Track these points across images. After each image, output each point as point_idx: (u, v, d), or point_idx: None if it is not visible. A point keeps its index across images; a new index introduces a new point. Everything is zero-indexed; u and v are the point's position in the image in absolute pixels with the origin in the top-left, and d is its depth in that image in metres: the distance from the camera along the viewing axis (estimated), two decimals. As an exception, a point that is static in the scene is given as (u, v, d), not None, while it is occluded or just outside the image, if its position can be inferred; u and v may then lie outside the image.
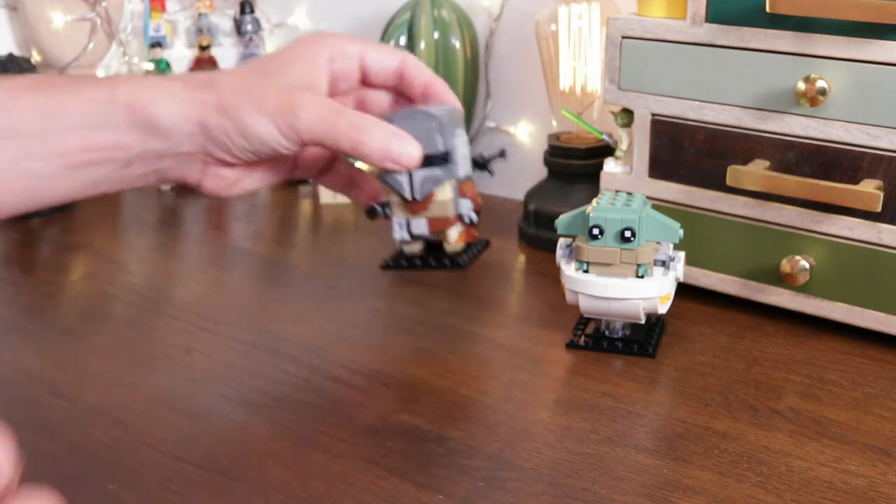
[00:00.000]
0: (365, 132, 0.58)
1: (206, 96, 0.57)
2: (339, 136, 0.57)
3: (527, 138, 1.00)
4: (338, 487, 0.51)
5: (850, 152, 0.63)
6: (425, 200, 0.62)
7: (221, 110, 0.57)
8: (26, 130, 0.53)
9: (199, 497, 0.50)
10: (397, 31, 0.94)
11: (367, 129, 0.58)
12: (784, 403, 0.59)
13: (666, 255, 0.64)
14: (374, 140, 0.58)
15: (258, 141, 0.57)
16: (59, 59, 1.04)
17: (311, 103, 0.57)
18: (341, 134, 0.57)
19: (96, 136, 0.55)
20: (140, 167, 0.58)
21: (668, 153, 0.71)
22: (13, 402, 0.60)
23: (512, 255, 0.85)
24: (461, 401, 0.60)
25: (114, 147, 0.56)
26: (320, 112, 0.57)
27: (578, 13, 0.85)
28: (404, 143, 0.59)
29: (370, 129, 0.58)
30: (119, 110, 0.55)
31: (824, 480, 0.51)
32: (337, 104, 0.58)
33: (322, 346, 0.68)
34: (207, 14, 1.10)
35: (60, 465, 0.54)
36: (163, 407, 0.59)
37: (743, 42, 0.65)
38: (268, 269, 0.83)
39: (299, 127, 0.57)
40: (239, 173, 0.61)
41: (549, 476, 0.52)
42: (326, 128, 0.57)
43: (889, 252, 0.63)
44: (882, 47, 0.59)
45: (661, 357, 0.65)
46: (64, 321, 0.73)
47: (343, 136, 0.57)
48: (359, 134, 0.57)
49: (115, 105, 0.55)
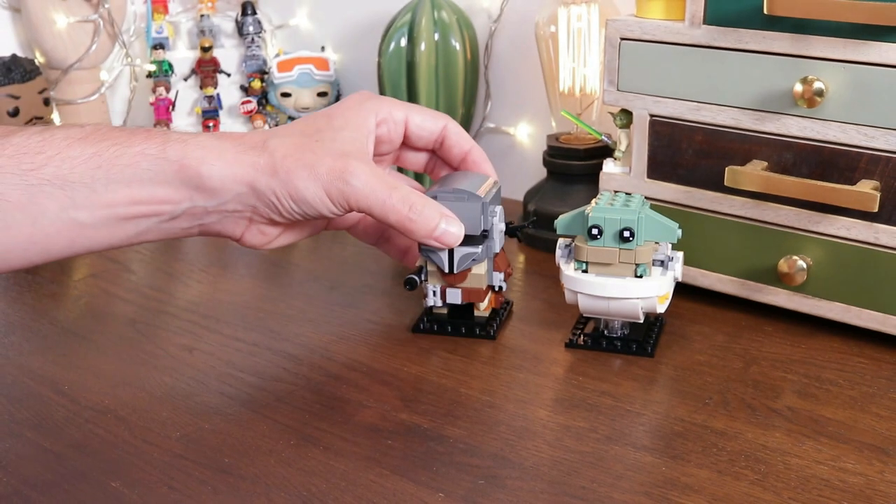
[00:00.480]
0: (414, 211, 0.59)
1: (257, 158, 0.57)
2: (388, 210, 0.59)
3: (526, 139, 1.00)
4: (338, 486, 0.51)
5: (848, 153, 0.63)
6: (462, 273, 0.65)
7: (273, 173, 0.57)
8: (77, 180, 0.54)
9: (201, 495, 0.51)
10: (398, 32, 0.94)
11: (417, 208, 0.59)
12: (782, 402, 0.59)
13: (664, 254, 0.65)
14: (423, 219, 0.60)
15: (307, 205, 0.58)
16: (61, 61, 1.05)
17: (364, 173, 0.58)
18: (391, 209, 0.59)
19: (146, 190, 0.56)
20: (185, 221, 0.58)
21: (667, 154, 0.71)
22: (17, 401, 0.61)
23: (512, 255, 0.85)
24: (461, 399, 0.60)
25: (162, 202, 0.57)
26: (373, 184, 0.58)
27: (578, 15, 0.85)
28: (450, 224, 0.61)
29: (420, 210, 0.59)
30: (170, 166, 0.56)
31: (822, 479, 0.51)
32: (390, 178, 0.60)
33: (323, 344, 0.68)
34: (209, 16, 1.11)
35: (63, 462, 0.54)
36: (165, 405, 0.60)
37: (741, 43, 0.65)
38: (269, 268, 0.84)
39: (350, 195, 0.58)
40: (280, 230, 0.63)
41: (549, 474, 0.52)
42: (378, 201, 0.58)
43: (886, 252, 0.63)
44: (879, 49, 0.60)
45: (659, 356, 0.65)
46: (67, 320, 0.74)
47: (392, 212, 0.59)
48: (409, 211, 0.59)
49: (165, 161, 0.56)
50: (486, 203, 0.64)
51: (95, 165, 0.54)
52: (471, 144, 0.68)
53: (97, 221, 0.55)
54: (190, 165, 0.56)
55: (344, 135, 0.60)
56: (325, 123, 0.61)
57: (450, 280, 0.66)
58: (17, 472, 0.53)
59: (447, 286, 0.66)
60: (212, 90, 1.10)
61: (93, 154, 0.54)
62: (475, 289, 0.66)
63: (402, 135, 0.66)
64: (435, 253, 0.64)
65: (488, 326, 0.68)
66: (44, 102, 0.99)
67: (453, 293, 0.66)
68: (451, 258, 0.65)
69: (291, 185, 0.57)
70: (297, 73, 1.07)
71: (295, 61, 1.08)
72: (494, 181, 0.67)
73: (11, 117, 0.96)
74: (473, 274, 0.66)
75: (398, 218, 0.59)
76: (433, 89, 0.94)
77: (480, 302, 0.67)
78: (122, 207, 0.55)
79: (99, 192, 0.54)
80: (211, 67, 1.10)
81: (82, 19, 1.05)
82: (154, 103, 1.09)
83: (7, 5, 1.06)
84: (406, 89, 0.95)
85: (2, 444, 0.56)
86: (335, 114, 0.62)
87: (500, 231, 0.67)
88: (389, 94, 0.96)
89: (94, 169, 0.54)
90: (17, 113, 0.96)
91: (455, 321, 0.68)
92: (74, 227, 0.55)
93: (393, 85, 0.95)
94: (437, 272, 0.66)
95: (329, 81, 1.09)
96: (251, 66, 1.11)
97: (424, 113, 0.67)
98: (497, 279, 0.67)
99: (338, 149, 0.59)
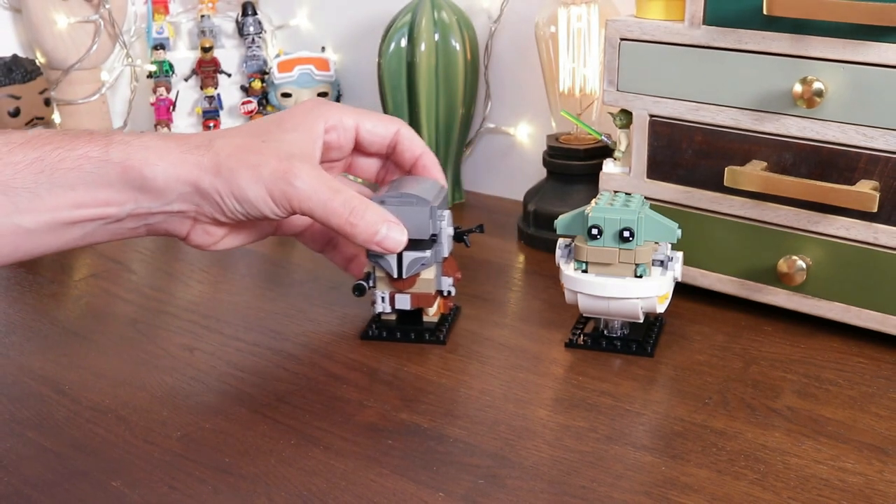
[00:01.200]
0: (356, 215, 0.59)
1: (201, 158, 0.57)
2: (330, 213, 0.59)
3: (526, 139, 1.00)
4: (339, 485, 0.51)
5: (847, 153, 0.63)
6: (411, 279, 0.65)
7: (217, 173, 0.57)
8: (19, 186, 0.53)
9: (202, 494, 0.51)
10: (398, 32, 0.94)
11: (358, 212, 0.59)
12: (781, 402, 0.59)
13: (664, 254, 0.65)
14: (364, 223, 0.59)
15: (250, 205, 0.58)
16: (62, 61, 1.05)
17: (307, 175, 0.58)
18: (332, 211, 0.58)
19: (89, 193, 0.55)
20: (131, 222, 0.58)
21: (667, 154, 0.71)
22: (18, 400, 0.61)
23: (512, 255, 0.86)
24: (461, 399, 0.60)
25: (106, 204, 0.56)
26: (315, 186, 0.58)
27: (577, 15, 0.85)
28: (392, 229, 0.61)
29: (362, 213, 0.59)
30: (113, 168, 0.55)
31: (821, 478, 0.51)
32: (334, 181, 0.59)
33: (323, 344, 0.68)
34: (210, 16, 1.11)
35: (64, 462, 0.54)
36: (165, 405, 0.60)
37: (740, 44, 0.65)
38: (269, 268, 0.84)
39: (292, 197, 0.58)
40: (226, 231, 0.62)
41: (549, 474, 0.52)
42: (319, 203, 0.58)
43: (885, 252, 0.63)
44: (878, 49, 0.60)
45: (659, 356, 0.65)
46: (68, 320, 0.74)
47: (334, 215, 0.59)
48: (350, 216, 0.59)
49: (108, 163, 0.55)
50: (434, 207, 0.63)
51: (38, 170, 0.54)
52: (422, 149, 0.68)
53: (41, 226, 0.55)
54: (133, 167, 0.55)
55: (291, 137, 0.60)
56: (273, 126, 0.61)
57: (398, 286, 0.65)
58: (17, 471, 0.53)
59: (396, 292, 0.66)
60: (212, 90, 1.10)
61: (35, 159, 0.54)
62: (424, 294, 0.66)
63: (352, 141, 0.66)
64: (383, 258, 0.64)
65: (437, 331, 0.68)
66: (45, 103, 0.99)
67: (402, 299, 0.66)
68: (400, 263, 0.64)
69: (235, 184, 0.57)
70: (298, 73, 1.08)
71: (295, 62, 1.08)
72: (442, 186, 0.67)
73: (12, 117, 0.96)
74: (422, 279, 0.65)
75: (339, 222, 0.59)
76: (433, 90, 0.94)
77: (430, 307, 0.67)
78: (66, 211, 0.55)
79: (42, 196, 0.54)
80: (211, 68, 1.10)
81: (83, 20, 1.05)
82: (154, 104, 1.09)
83: (8, 6, 1.06)
84: (406, 90, 0.95)
85: (2, 444, 0.56)
86: (285, 118, 0.62)
87: (449, 236, 0.66)
88: (389, 95, 0.96)
89: (37, 174, 0.54)
90: (17, 113, 0.96)
91: (404, 327, 0.68)
92: (19, 233, 0.54)
93: (393, 85, 0.95)
94: (385, 278, 0.65)
95: (329, 82, 1.09)
96: (252, 66, 1.11)
97: (376, 118, 0.66)
98: (446, 284, 0.67)
99: (284, 150, 0.59)
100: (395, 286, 0.66)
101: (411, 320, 0.68)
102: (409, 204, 0.63)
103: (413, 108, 0.95)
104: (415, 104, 0.95)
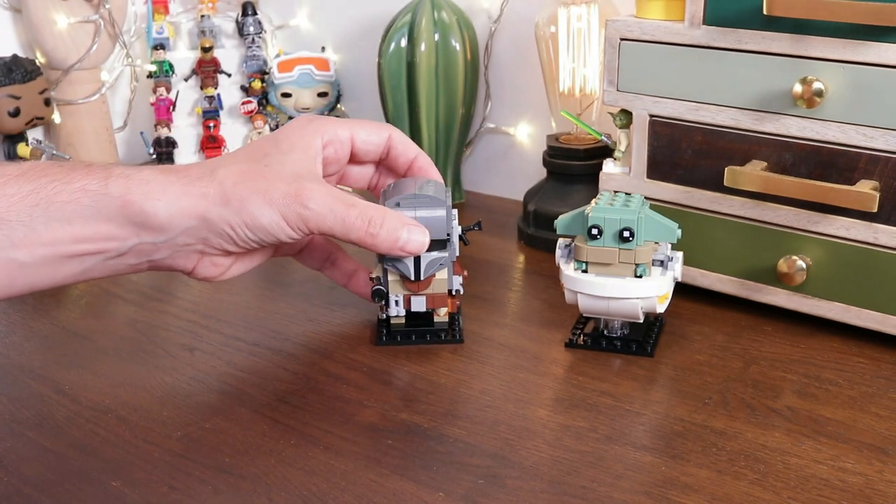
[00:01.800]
0: (375, 224, 0.59)
1: (206, 189, 0.56)
2: (349, 228, 0.58)
3: (526, 139, 1.00)
4: (339, 485, 0.51)
5: (847, 153, 0.63)
6: (427, 280, 0.65)
7: (225, 203, 0.56)
8: (14, 219, 0.52)
9: (202, 494, 0.51)
10: (398, 32, 0.94)
11: (377, 221, 0.59)
12: (781, 402, 0.59)
13: (664, 254, 0.65)
14: (385, 231, 0.59)
15: (264, 232, 0.57)
16: (62, 61, 1.05)
17: (319, 195, 0.57)
18: (352, 226, 0.58)
19: (89, 227, 0.54)
20: (133, 258, 0.57)
21: (667, 154, 0.71)
22: (18, 400, 0.61)
23: (512, 255, 0.86)
24: (461, 399, 0.60)
25: (107, 238, 0.55)
26: (330, 204, 0.57)
27: (577, 15, 0.85)
28: (413, 232, 0.60)
29: (380, 222, 0.59)
30: (112, 202, 0.54)
31: (821, 478, 0.51)
32: (346, 195, 0.59)
33: (323, 344, 0.68)
34: (210, 16, 1.11)
35: (64, 462, 0.54)
36: (165, 405, 0.60)
37: (740, 44, 0.65)
38: (269, 268, 0.84)
39: (308, 219, 0.57)
40: (233, 260, 0.61)
41: (549, 474, 0.52)
42: (337, 221, 0.58)
43: (885, 252, 0.63)
44: (878, 49, 0.60)
45: (659, 356, 0.65)
46: (68, 320, 0.74)
47: (353, 229, 0.58)
48: (369, 227, 0.58)
49: (108, 197, 0.54)
50: (449, 206, 0.63)
51: (33, 203, 0.52)
52: (416, 151, 0.67)
53: (37, 260, 0.53)
54: (134, 202, 0.54)
55: (292, 157, 0.59)
56: (271, 148, 0.60)
57: (414, 287, 0.65)
58: (18, 471, 0.53)
59: (411, 294, 0.65)
60: (212, 90, 1.10)
61: (30, 191, 0.53)
62: (439, 294, 0.66)
63: (348, 153, 0.65)
64: (400, 261, 0.63)
65: (452, 331, 0.68)
66: (45, 103, 0.99)
67: (417, 301, 0.65)
68: (418, 265, 0.64)
69: (246, 212, 0.56)
70: (298, 73, 1.08)
71: (295, 62, 1.08)
72: (444, 185, 0.67)
73: (12, 118, 0.96)
74: (436, 279, 0.65)
75: (359, 235, 0.58)
76: (433, 90, 0.94)
77: (444, 307, 0.66)
78: (64, 245, 0.54)
79: (38, 230, 0.53)
80: (211, 68, 1.10)
81: (83, 20, 1.05)
82: (154, 104, 1.09)
83: (8, 6, 1.06)
84: (406, 90, 0.95)
85: (3, 444, 0.56)
86: (280, 138, 0.61)
87: (458, 234, 0.66)
88: (389, 95, 0.96)
89: (32, 207, 0.52)
90: (17, 113, 0.96)
91: (420, 329, 0.67)
92: (13, 267, 0.53)
93: (393, 85, 0.95)
94: (398, 281, 0.65)
95: (329, 82, 1.09)
96: (252, 66, 1.11)
97: (368, 127, 0.66)
98: (457, 282, 0.67)
99: (288, 172, 0.58)
100: (411, 288, 0.65)
101: (421, 322, 0.68)
102: (425, 205, 0.62)
103: (413, 108, 0.95)
104: (415, 104, 0.95)
